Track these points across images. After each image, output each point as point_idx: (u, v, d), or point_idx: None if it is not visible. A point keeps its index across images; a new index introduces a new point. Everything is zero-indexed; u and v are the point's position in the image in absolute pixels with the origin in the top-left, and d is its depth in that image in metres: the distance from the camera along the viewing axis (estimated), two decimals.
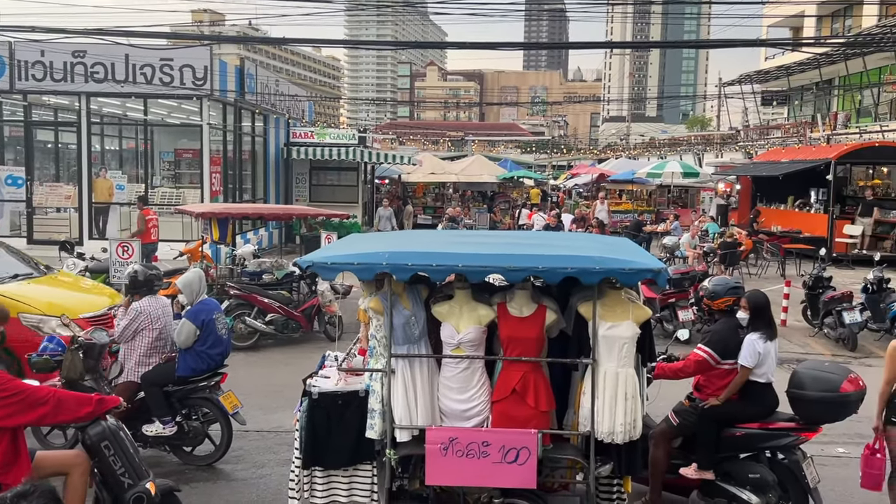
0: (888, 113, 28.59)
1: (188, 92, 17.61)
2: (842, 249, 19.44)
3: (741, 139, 37.34)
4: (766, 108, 45.05)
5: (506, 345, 4.75)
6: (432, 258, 4.48)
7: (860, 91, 30.19)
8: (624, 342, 4.60)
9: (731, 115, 42.66)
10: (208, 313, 6.45)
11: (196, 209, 11.62)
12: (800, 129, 31.50)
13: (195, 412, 6.50)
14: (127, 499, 4.48)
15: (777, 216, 22.51)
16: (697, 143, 45.44)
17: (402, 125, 77.66)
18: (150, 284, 6.46)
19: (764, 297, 5.68)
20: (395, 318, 4.66)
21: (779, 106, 44.33)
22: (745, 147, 34.76)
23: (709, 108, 79.09)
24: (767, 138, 34.50)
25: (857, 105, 31.42)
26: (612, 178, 31.42)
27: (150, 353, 6.37)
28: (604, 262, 4.34)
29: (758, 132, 36.76)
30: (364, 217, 24.99)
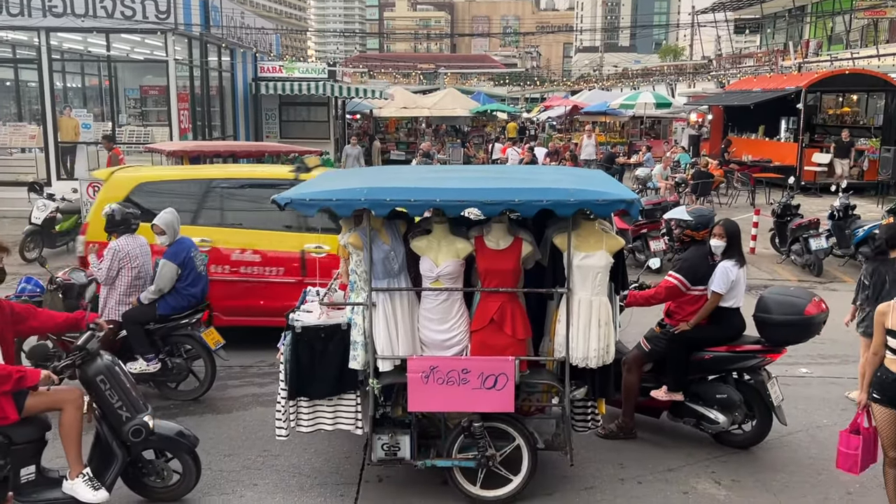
0: (859, 40, 28.68)
1: (152, 26, 17.07)
2: (810, 178, 19.74)
3: (714, 68, 37.31)
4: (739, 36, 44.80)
5: (483, 277, 4.88)
6: (410, 193, 4.54)
7: (832, 18, 30.13)
8: (598, 271, 4.73)
9: (703, 45, 42.46)
10: (187, 251, 6.48)
11: (167, 147, 11.47)
12: (772, 58, 31.53)
13: (178, 349, 6.61)
14: (125, 431, 4.61)
15: (748, 146, 22.72)
16: (670, 73, 45.32)
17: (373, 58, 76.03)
18: (127, 223, 6.45)
19: (737, 226, 5.86)
20: (374, 253, 4.74)
21: (751, 34, 44.13)
22: (718, 76, 34.74)
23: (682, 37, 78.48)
24: (740, 67, 34.51)
25: (829, 32, 31.42)
26: (586, 111, 31.32)
27: (130, 291, 6.41)
28: (578, 195, 4.43)
29: (730, 61, 36.72)
30: (336, 154, 24.74)
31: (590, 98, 34.22)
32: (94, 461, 4.64)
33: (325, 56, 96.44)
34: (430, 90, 42.58)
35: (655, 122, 30.50)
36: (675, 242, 6.03)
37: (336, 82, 24.12)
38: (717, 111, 25.60)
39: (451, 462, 4.95)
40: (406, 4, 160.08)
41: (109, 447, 4.61)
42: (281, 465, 5.49)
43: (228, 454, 5.66)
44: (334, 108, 25.14)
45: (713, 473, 5.44)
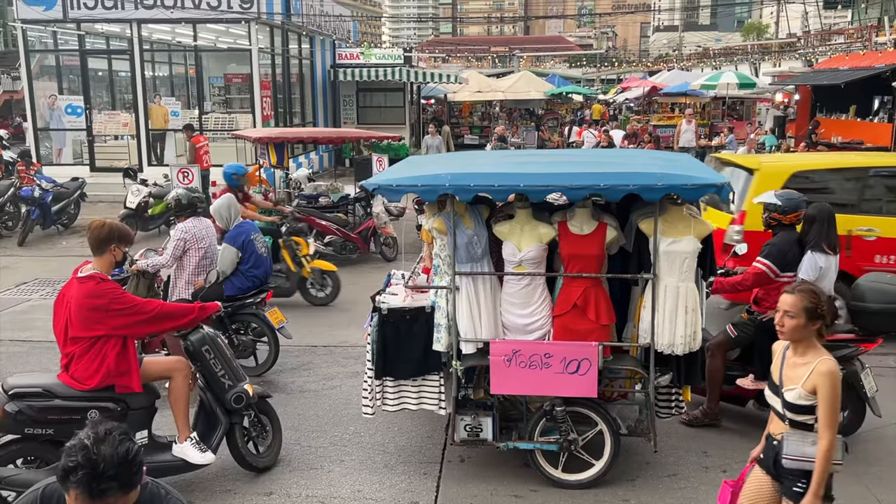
0: None
1: (236, 15, 17.59)
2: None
3: (801, 46, 35.67)
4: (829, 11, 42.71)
5: (567, 262, 4.87)
6: (494, 179, 4.57)
7: None
8: (685, 257, 4.66)
9: (790, 21, 40.64)
10: (246, 234, 6.75)
11: (253, 134, 11.82)
12: (865, 34, 29.88)
13: (244, 327, 6.93)
14: (228, 398, 4.93)
15: (838, 127, 21.70)
16: (754, 52, 43.54)
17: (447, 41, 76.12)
18: (193, 206, 6.74)
19: (828, 210, 5.64)
20: (458, 238, 4.80)
21: (843, 9, 41.96)
22: (805, 55, 33.21)
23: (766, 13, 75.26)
24: (829, 45, 32.87)
25: None
26: (664, 91, 30.50)
27: (198, 271, 6.65)
28: (666, 179, 4.36)
29: (819, 38, 35.01)
30: (412, 139, 24.97)
31: (669, 79, 33.31)
32: (199, 426, 4.95)
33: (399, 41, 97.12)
34: (505, 73, 42.29)
35: (738, 102, 29.46)
36: (764, 227, 5.85)
37: (412, 67, 24.30)
38: (804, 91, 24.56)
39: (534, 445, 4.99)
40: None
41: (214, 413, 4.92)
42: (366, 443, 5.65)
43: (316, 430, 5.86)
44: (410, 94, 25.36)
45: None
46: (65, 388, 4.42)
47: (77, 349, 4.40)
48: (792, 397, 3.37)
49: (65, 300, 4.47)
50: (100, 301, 4.35)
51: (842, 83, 20.30)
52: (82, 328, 4.37)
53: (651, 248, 4.71)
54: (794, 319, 3.38)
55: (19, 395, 4.37)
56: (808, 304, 3.37)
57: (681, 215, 4.76)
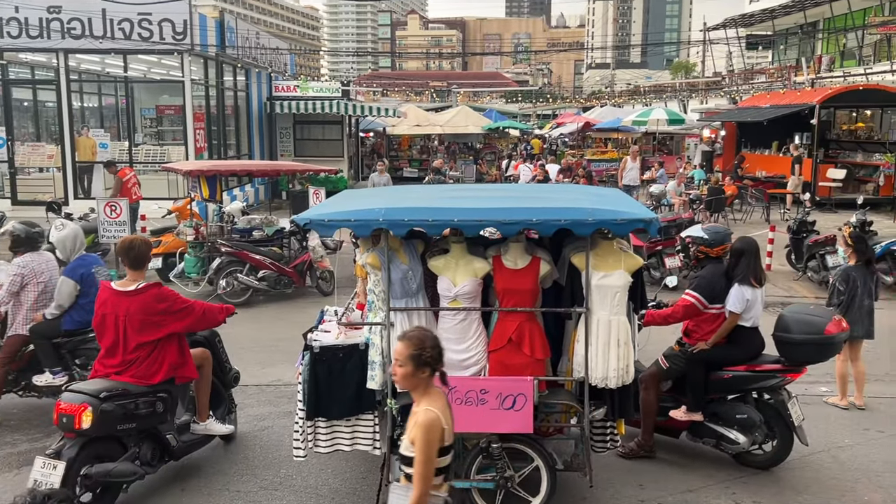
0: (872, 55, 28.56)
1: (169, 47, 17.31)
2: (825, 193, 19.63)
3: (726, 85, 37.26)
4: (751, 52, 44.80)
5: (501, 296, 4.87)
6: (428, 213, 4.55)
7: (844, 34, 30.05)
8: (616, 291, 4.72)
9: (715, 61, 42.46)
10: (87, 267, 6.48)
11: (184, 167, 11.56)
12: (784, 74, 31.45)
13: (89, 362, 6.47)
14: (230, 378, 6.08)
15: (762, 162, 22.62)
16: (682, 89, 45.27)
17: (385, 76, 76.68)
18: (32, 242, 6.53)
19: (753, 243, 5.81)
20: (392, 273, 4.75)
21: (763, 50, 44.13)
22: (730, 93, 34.70)
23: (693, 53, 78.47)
24: (752, 83, 34.44)
25: (842, 48, 31.32)
26: (598, 127, 31.30)
27: (36, 307, 6.42)
28: (596, 214, 4.42)
29: (742, 77, 36.66)
30: (350, 171, 24.89)
31: (602, 115, 34.26)
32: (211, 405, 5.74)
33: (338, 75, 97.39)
34: (443, 108, 42.74)
35: (668, 138, 30.46)
36: (692, 260, 5.98)
37: (349, 101, 24.32)
38: (730, 127, 25.55)
39: (469, 483, 4.90)
40: (418, 23, 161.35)
41: (220, 393, 5.91)
42: (298, 486, 5.46)
43: (246, 474, 5.65)
44: (348, 127, 25.33)
45: (734, 495, 5.36)
46: (134, 387, 4.96)
47: (142, 353, 4.97)
48: (402, 448, 3.25)
49: (113, 316, 4.94)
50: (164, 305, 4.99)
51: (765, 120, 21.20)
52: (149, 333, 4.94)
53: (583, 282, 4.75)
54: (403, 368, 3.22)
55: (108, 397, 4.81)
56: (413, 351, 3.21)
57: (611, 249, 4.82)
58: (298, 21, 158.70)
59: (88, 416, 4.65)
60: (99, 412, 4.68)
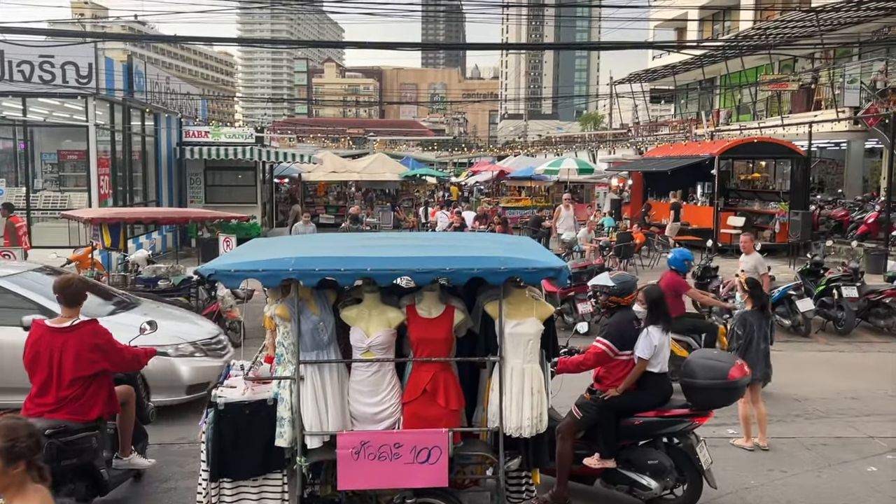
0: (765, 110, 30.48)
1: (72, 91, 16.70)
2: (726, 240, 20.51)
3: (632, 136, 38.90)
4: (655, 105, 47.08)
5: (416, 346, 4.81)
6: (340, 263, 4.47)
7: (739, 90, 32.02)
8: (529, 339, 4.74)
9: (622, 113, 44.43)
10: None
11: (85, 214, 11.07)
12: (686, 126, 33.13)
13: None
14: (147, 414, 6.23)
15: (667, 209, 23.51)
16: (591, 140, 46.99)
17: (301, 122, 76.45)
18: None
19: (659, 291, 5.99)
20: (302, 324, 4.63)
21: (666, 104, 46.50)
22: (636, 143, 36.22)
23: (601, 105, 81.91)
24: (656, 135, 36.07)
25: (737, 103, 33.35)
26: (512, 175, 32.08)
27: None
28: (508, 262, 4.46)
29: (647, 129, 38.37)
30: (264, 217, 24.47)
31: (516, 164, 35.10)
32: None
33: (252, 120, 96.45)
34: (360, 155, 42.93)
35: (579, 186, 31.42)
36: (601, 309, 6.11)
37: (264, 147, 24.03)
38: (636, 176, 26.55)
39: None
40: (335, 71, 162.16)
41: (140, 428, 6.13)
42: None
43: None
44: (262, 173, 24.97)
45: None
46: (73, 424, 5.08)
47: (77, 390, 5.07)
48: None
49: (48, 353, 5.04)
50: (101, 340, 5.17)
51: (669, 170, 22.15)
52: (84, 368, 5.07)
53: (497, 330, 4.75)
54: None
55: (52, 434, 4.87)
56: (4, 443, 2.72)
57: (523, 297, 4.85)
58: (212, 66, 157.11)
59: None
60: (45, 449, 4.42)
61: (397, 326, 4.82)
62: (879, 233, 18.92)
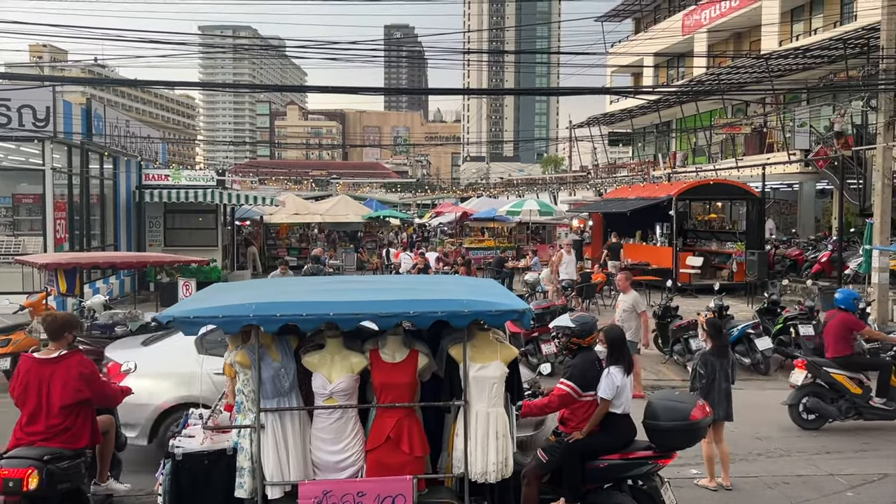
0: (720, 152, 31.28)
1: (28, 134, 16.45)
2: (685, 279, 20.81)
3: (592, 178, 39.59)
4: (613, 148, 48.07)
5: (379, 391, 4.77)
6: (302, 308, 4.45)
7: (695, 132, 32.89)
8: (493, 382, 4.73)
9: (581, 155, 45.21)
10: None
11: (40, 259, 10.81)
12: (644, 168, 33.85)
13: None
14: (122, 442, 6.53)
15: (627, 250, 23.83)
16: (552, 182, 47.70)
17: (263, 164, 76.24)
18: None
19: (620, 332, 6.03)
20: (263, 371, 4.57)
21: (624, 146, 47.48)
22: (596, 185, 36.85)
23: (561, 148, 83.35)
24: (615, 176, 36.78)
25: (693, 145, 34.18)
26: (475, 217, 32.22)
27: None
28: (472, 305, 4.48)
29: (606, 171, 39.11)
30: (225, 260, 24.17)
31: (479, 205, 35.30)
32: None
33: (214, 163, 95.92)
34: (323, 196, 42.87)
35: (541, 227, 31.72)
36: (564, 350, 6.11)
37: (225, 189, 23.84)
38: (596, 217, 26.93)
39: None
40: (297, 114, 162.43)
41: (115, 455, 6.36)
42: None
43: None
44: (223, 215, 24.74)
45: None
46: (67, 451, 5.36)
47: (65, 420, 5.35)
48: None
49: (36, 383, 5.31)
50: (87, 370, 5.46)
51: (628, 211, 22.53)
52: (71, 396, 5.33)
53: (461, 373, 4.74)
54: None
55: (48, 460, 5.17)
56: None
57: (487, 340, 4.87)
58: (173, 109, 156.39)
59: (35, 478, 5.03)
60: (45, 473, 5.09)
61: (360, 371, 4.78)
62: (833, 271, 19.41)
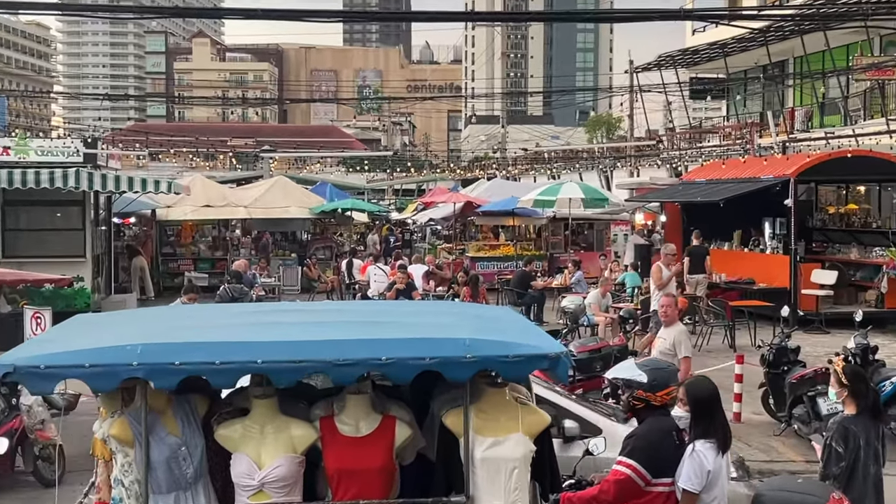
0: (862, 109, 31.16)
1: None
2: (810, 306, 20.69)
3: (664, 149, 39.56)
4: (698, 102, 48.15)
5: (336, 481, 4.81)
6: (214, 351, 4.46)
7: (823, 79, 32.75)
8: (513, 466, 4.74)
9: (648, 115, 45.18)
10: None
11: None
12: (745, 133, 33.76)
13: None
14: None
15: (720, 260, 23.75)
16: (603, 155, 47.74)
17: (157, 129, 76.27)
18: None
19: (709, 387, 6.00)
20: (153, 451, 4.61)
21: (714, 100, 47.41)
22: (671, 160, 36.78)
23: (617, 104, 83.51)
24: (700, 146, 36.80)
25: (821, 98, 34.09)
26: (484, 210, 32.16)
27: None
28: (477, 348, 4.47)
29: (687, 139, 39.11)
30: (97, 279, 24.12)
31: (489, 191, 35.14)
32: None
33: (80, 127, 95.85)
34: (249, 179, 42.82)
35: (586, 225, 31.64)
36: (625, 412, 6.10)
37: (97, 169, 23.82)
38: (672, 210, 26.81)
39: None
40: (208, 51, 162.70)
41: None
42: None
43: None
44: (94, 210, 24.67)
45: None
46: None
47: None
48: None
49: None
50: None
51: (721, 200, 22.43)
52: None
53: (463, 454, 4.73)
54: None
55: None
56: None
57: (503, 402, 4.88)
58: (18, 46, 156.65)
59: None
60: None
61: (306, 451, 4.80)
62: None
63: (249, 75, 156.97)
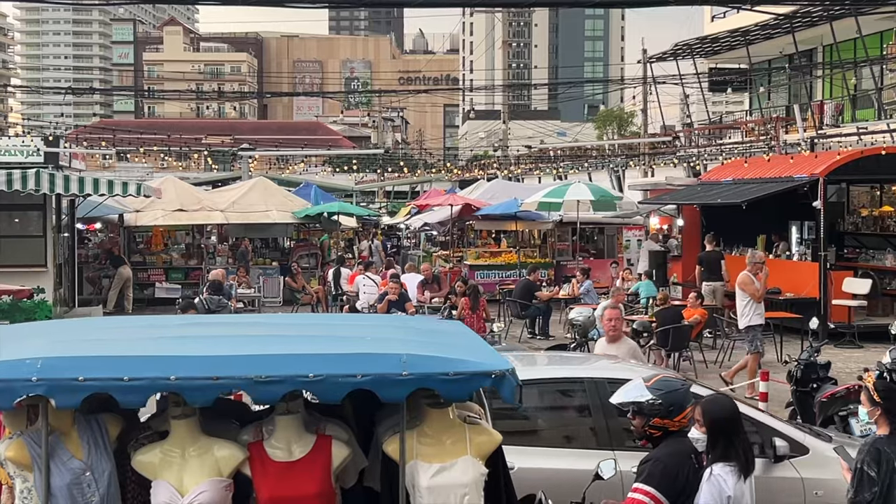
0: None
1: None
2: (842, 317, 20.61)
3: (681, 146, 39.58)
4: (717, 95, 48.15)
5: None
6: (123, 366, 4.43)
7: (855, 69, 32.80)
8: (463, 492, 4.75)
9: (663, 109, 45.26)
10: None
11: None
12: (769, 129, 33.78)
13: None
14: None
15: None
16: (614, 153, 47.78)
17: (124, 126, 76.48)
18: None
19: (728, 406, 6.00)
20: (55, 476, 4.57)
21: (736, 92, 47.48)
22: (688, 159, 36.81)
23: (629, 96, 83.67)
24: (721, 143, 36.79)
25: (853, 90, 34.10)
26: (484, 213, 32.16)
27: None
28: (415, 365, 4.47)
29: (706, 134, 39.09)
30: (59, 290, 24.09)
31: (489, 193, 35.23)
32: None
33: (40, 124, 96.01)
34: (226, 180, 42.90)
35: (596, 230, 31.67)
36: (638, 439, 6.02)
37: (59, 170, 23.90)
38: (690, 213, 26.80)
39: None
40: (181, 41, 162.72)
41: None
42: None
43: None
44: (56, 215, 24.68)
45: None
46: None
47: None
48: None
49: None
50: None
51: (743, 202, 22.34)
52: None
53: (400, 483, 4.73)
54: None
55: None
56: None
57: (447, 423, 4.90)
58: None
59: None
60: None
61: (233, 473, 4.80)
62: None
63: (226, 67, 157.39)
